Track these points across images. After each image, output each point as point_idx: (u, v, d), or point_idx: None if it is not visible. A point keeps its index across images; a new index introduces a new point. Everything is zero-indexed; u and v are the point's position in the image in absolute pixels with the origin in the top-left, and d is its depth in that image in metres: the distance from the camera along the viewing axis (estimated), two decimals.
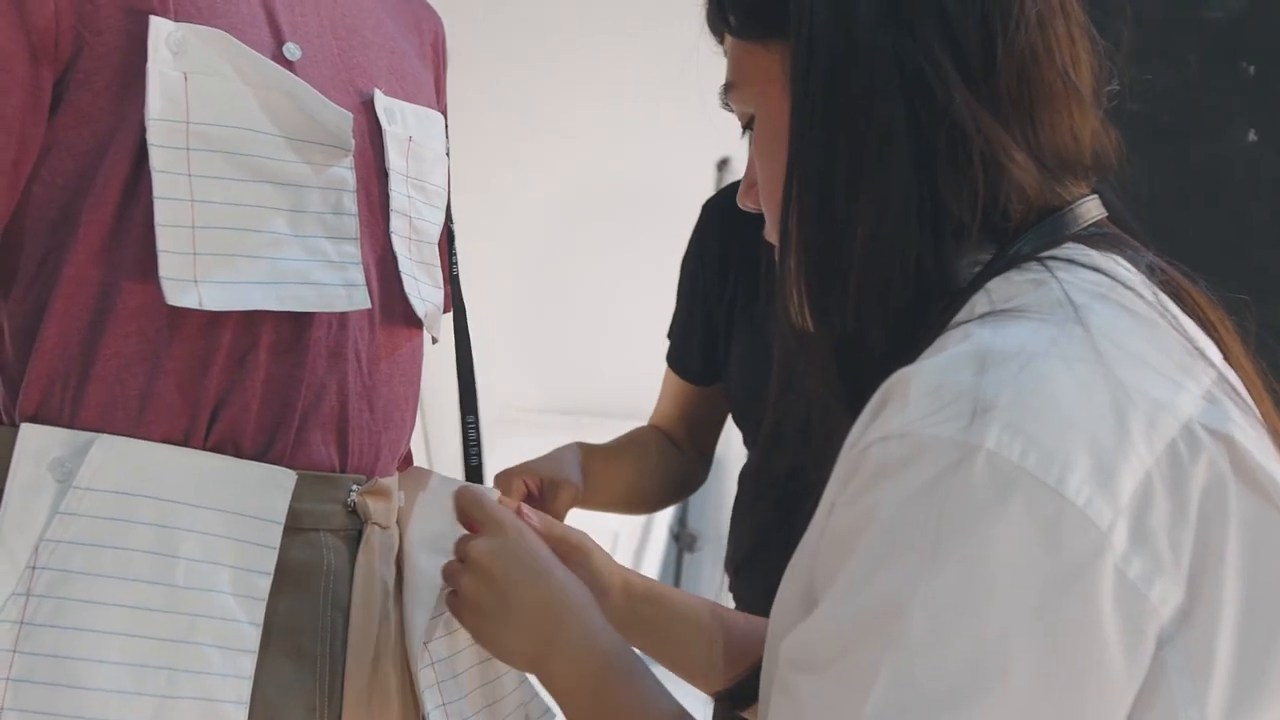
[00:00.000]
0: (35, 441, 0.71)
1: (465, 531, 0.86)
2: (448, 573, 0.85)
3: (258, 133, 0.74)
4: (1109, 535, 0.53)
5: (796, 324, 0.69)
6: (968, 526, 0.53)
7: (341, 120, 0.78)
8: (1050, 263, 0.64)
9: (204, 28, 0.73)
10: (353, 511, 0.80)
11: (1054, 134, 0.66)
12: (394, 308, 0.83)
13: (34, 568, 0.69)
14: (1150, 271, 0.66)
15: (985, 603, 0.53)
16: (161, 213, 0.71)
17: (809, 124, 0.67)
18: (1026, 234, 0.66)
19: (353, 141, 0.79)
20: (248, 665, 0.73)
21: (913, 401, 0.57)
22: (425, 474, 0.94)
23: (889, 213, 0.65)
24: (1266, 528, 0.57)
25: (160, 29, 0.71)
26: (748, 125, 0.76)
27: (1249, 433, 0.59)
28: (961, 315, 0.63)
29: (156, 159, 0.71)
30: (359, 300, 0.78)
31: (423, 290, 0.85)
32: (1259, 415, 0.63)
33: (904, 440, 0.56)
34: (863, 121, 0.65)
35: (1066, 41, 0.67)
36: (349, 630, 0.79)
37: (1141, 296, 0.63)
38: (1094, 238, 0.67)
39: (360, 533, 0.81)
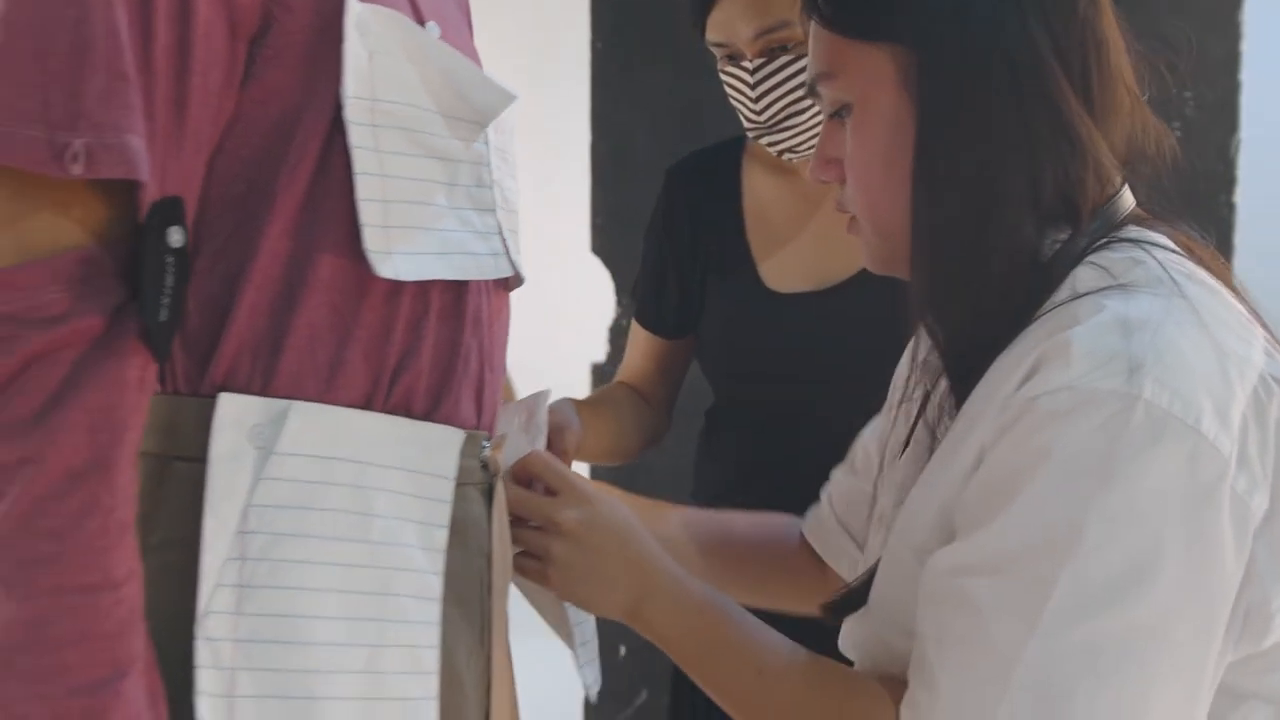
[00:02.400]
0: (234, 410, 0.73)
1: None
2: (532, 541, 0.91)
3: (422, 109, 0.78)
4: (1229, 461, 0.70)
5: (919, 293, 0.82)
6: (1131, 457, 0.69)
7: (499, 98, 0.82)
8: (1144, 244, 0.79)
9: (380, 8, 0.76)
10: (484, 466, 0.85)
11: (1119, 133, 0.82)
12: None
13: (244, 533, 0.72)
14: (1187, 250, 0.82)
15: (1145, 515, 0.68)
16: (361, 187, 0.75)
17: (936, 124, 0.80)
18: (1096, 217, 0.81)
19: (498, 118, 0.83)
20: (436, 612, 0.78)
21: (1075, 361, 0.71)
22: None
23: (1007, 200, 0.79)
24: None
25: (353, 10, 0.74)
26: (837, 113, 0.86)
27: None
28: (1076, 287, 0.77)
29: (354, 135, 0.74)
30: (503, 268, 0.84)
31: (518, 257, 0.90)
32: None
33: (1073, 392, 0.70)
34: (986, 122, 0.79)
35: (1126, 56, 0.83)
36: (491, 576, 0.85)
37: (1207, 268, 0.80)
38: (1141, 219, 0.83)
39: (491, 485, 0.86)
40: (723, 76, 1.35)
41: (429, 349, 0.81)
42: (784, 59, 1.29)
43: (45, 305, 0.65)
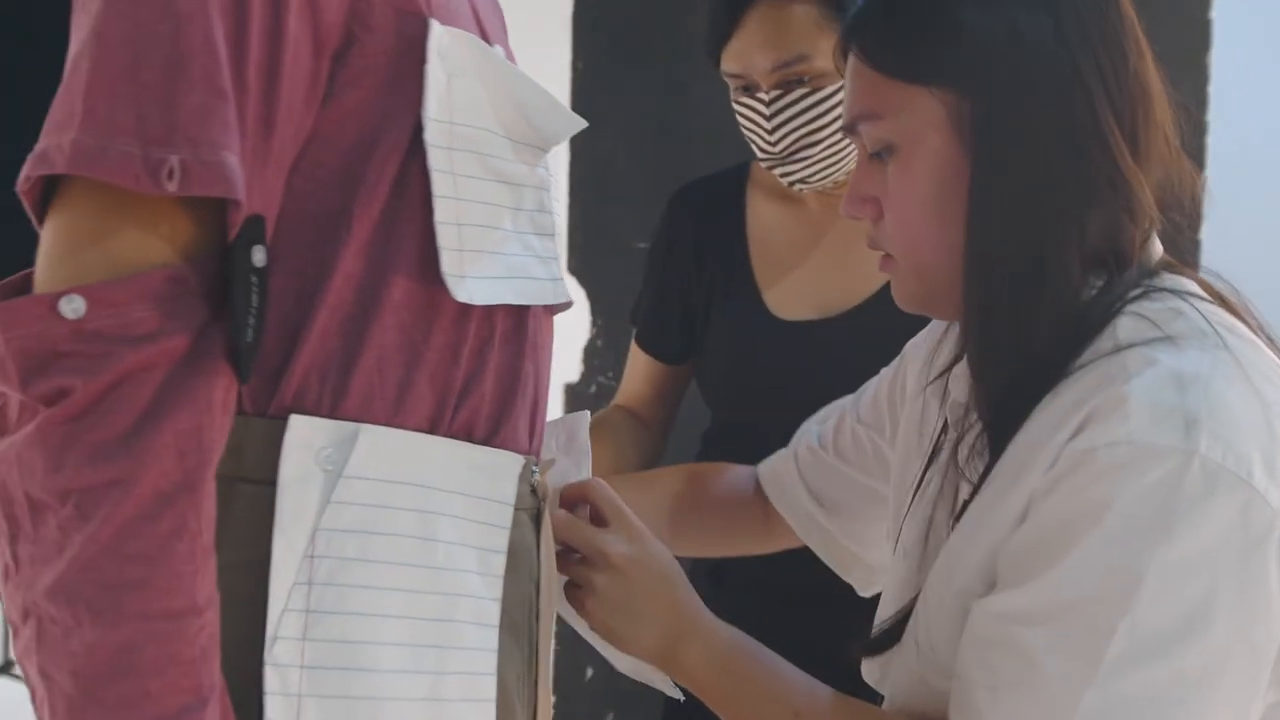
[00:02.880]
0: (304, 432, 0.72)
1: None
2: (577, 571, 0.91)
3: (493, 133, 0.78)
4: (1278, 512, 0.72)
5: (969, 335, 0.84)
6: (1188, 511, 0.71)
7: (566, 124, 0.83)
8: (1184, 295, 0.82)
9: (458, 30, 0.76)
10: (533, 490, 0.85)
11: (1154, 180, 0.84)
12: None
13: (311, 557, 0.71)
14: (1219, 300, 0.84)
15: (1200, 567, 0.71)
16: (439, 210, 0.75)
17: (993, 172, 0.81)
18: (1132, 263, 0.83)
19: (560, 143, 0.83)
20: (493, 639, 0.78)
21: (1133, 415, 0.73)
22: None
23: (1061, 247, 0.81)
24: None
25: (435, 32, 0.74)
26: (878, 153, 0.86)
27: None
28: (1119, 336, 0.79)
29: (433, 158, 0.74)
30: (562, 294, 0.84)
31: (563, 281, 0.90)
32: None
33: (1131, 446, 0.72)
34: (1043, 170, 0.80)
35: (1168, 107, 0.85)
36: (539, 602, 0.84)
37: (1239, 317, 0.82)
38: (1171, 266, 0.86)
39: (539, 510, 0.86)
40: (736, 107, 1.37)
41: (492, 374, 0.80)
42: (800, 91, 1.31)
43: (135, 323, 0.64)
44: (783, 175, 1.37)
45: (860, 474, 1.13)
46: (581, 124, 0.84)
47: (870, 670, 0.96)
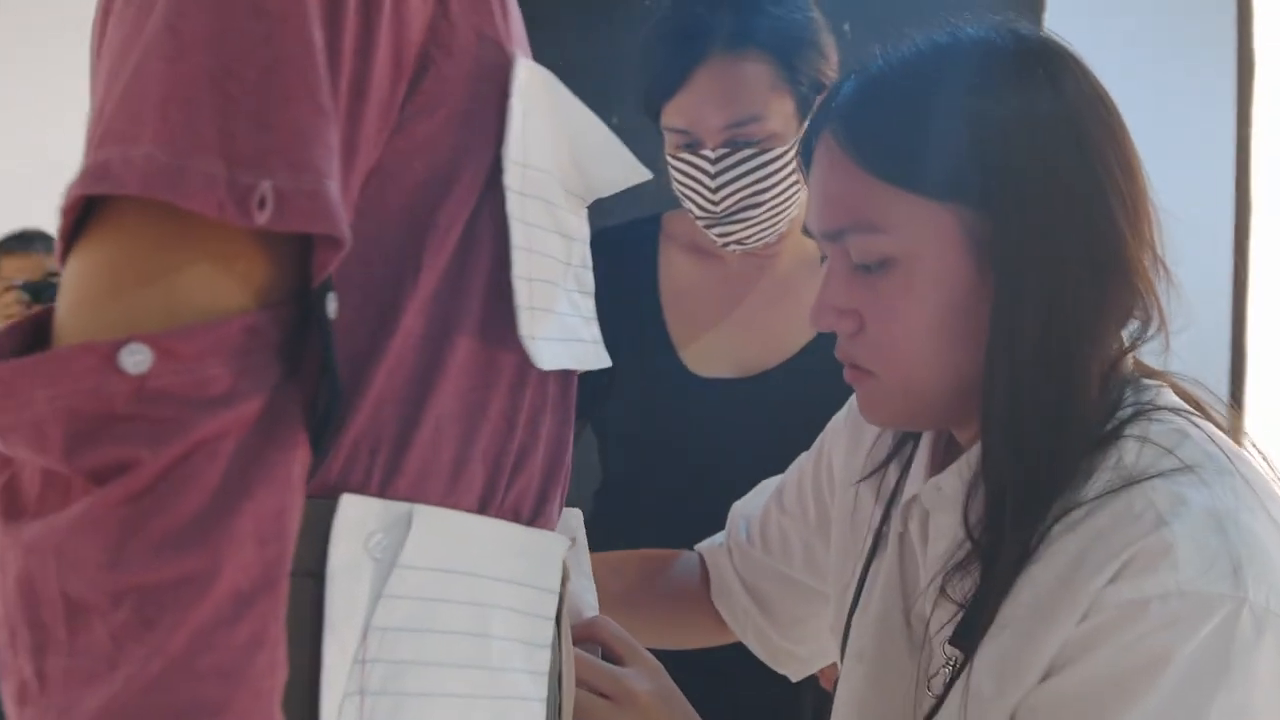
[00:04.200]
0: (355, 515, 0.61)
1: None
2: (600, 713, 0.85)
3: (553, 179, 0.70)
4: None
5: (990, 454, 0.80)
6: (1243, 657, 0.71)
7: (626, 173, 0.75)
8: (1180, 413, 0.80)
9: (535, 64, 0.67)
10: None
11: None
12: None
13: (364, 661, 0.60)
14: (1195, 405, 0.83)
15: (1255, 710, 0.71)
16: (518, 263, 0.66)
17: (1018, 294, 0.77)
18: (1125, 379, 0.82)
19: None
20: None
21: (1181, 565, 0.72)
22: None
23: (1088, 366, 0.79)
24: None
25: (521, 65, 0.65)
26: (875, 266, 0.80)
27: None
28: (1125, 461, 0.77)
29: (511, 205, 0.65)
30: (605, 358, 0.76)
31: None
32: None
33: (1184, 599, 0.71)
34: (1072, 291, 0.78)
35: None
36: (561, 697, 0.76)
37: (1214, 423, 0.82)
38: (1146, 370, 0.85)
39: (562, 589, 0.77)
40: (673, 162, 1.31)
41: (544, 446, 0.71)
42: (748, 151, 1.27)
43: (208, 382, 0.52)
44: (720, 235, 1.32)
45: (789, 568, 1.10)
46: (646, 175, 0.76)
47: None
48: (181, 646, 0.50)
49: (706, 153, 1.27)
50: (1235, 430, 0.85)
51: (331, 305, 0.58)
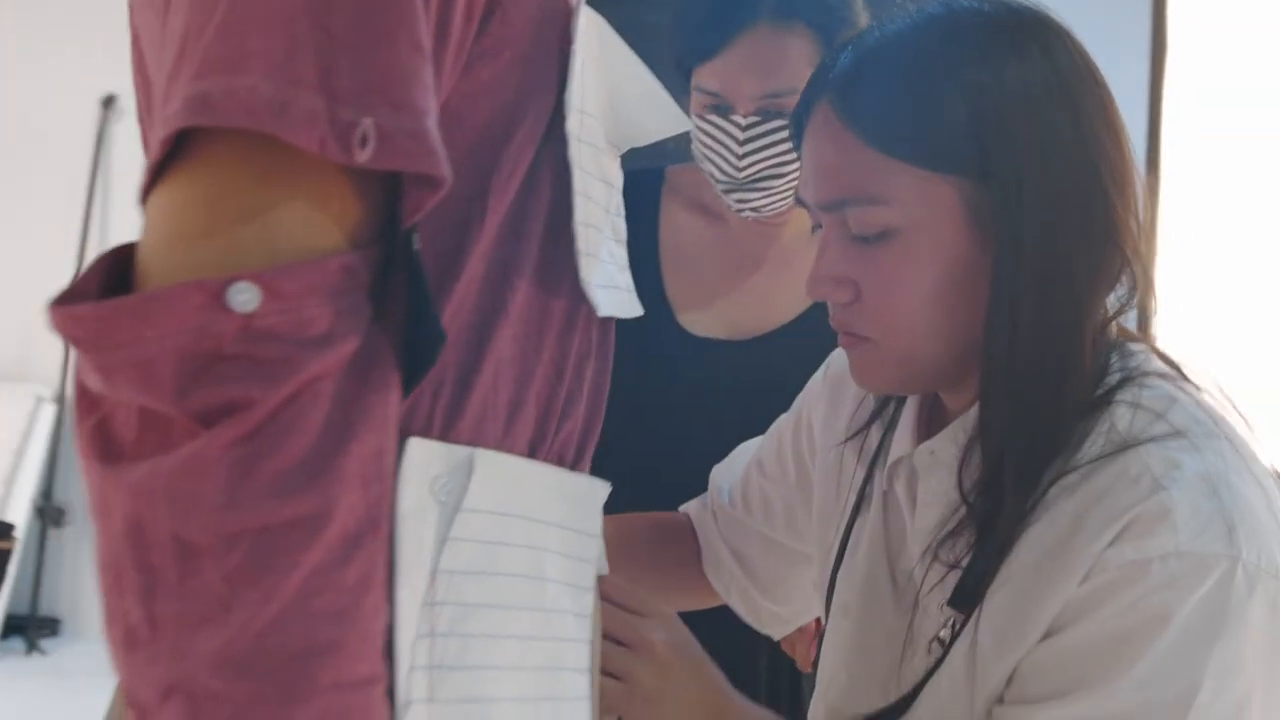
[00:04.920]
0: (421, 458, 0.60)
1: None
2: (618, 661, 0.85)
3: (600, 124, 0.70)
4: None
5: (989, 422, 0.82)
6: (1236, 613, 0.75)
7: (670, 122, 0.75)
8: (1169, 379, 0.84)
9: (591, 9, 0.68)
10: None
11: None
12: None
13: (432, 604, 0.61)
14: (1174, 366, 0.87)
15: (1245, 663, 0.75)
16: (579, 209, 0.66)
17: (1020, 265, 0.80)
18: (1111, 344, 0.85)
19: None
20: (588, 687, 0.70)
21: (1180, 526, 0.75)
22: None
23: (1084, 334, 0.82)
24: None
25: (583, 10, 0.66)
26: (873, 237, 0.82)
27: None
28: (1118, 427, 0.80)
29: (573, 151, 0.66)
30: (637, 306, 0.76)
31: None
32: None
33: (1183, 559, 0.75)
34: (1068, 261, 0.80)
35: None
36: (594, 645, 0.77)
37: (1190, 382, 0.86)
38: (1128, 334, 0.88)
39: None
40: (699, 124, 1.30)
41: (587, 391, 0.72)
42: (779, 122, 1.26)
43: (309, 322, 0.52)
44: (738, 200, 1.32)
45: (771, 530, 1.12)
46: (686, 125, 0.77)
47: None
48: (296, 588, 0.49)
49: (737, 119, 1.26)
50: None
51: (416, 242, 0.58)
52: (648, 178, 1.46)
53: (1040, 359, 0.81)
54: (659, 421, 1.39)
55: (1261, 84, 2.87)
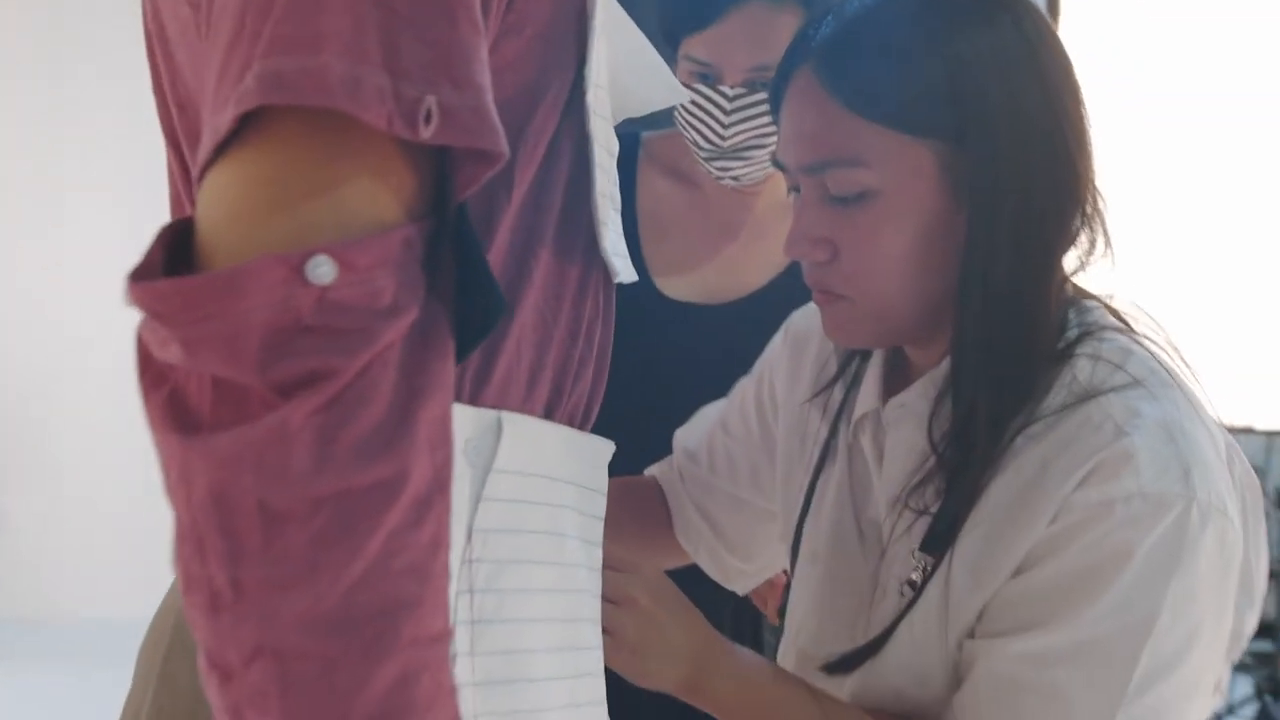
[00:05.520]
0: (455, 422, 0.61)
1: None
2: (604, 615, 0.86)
3: (607, 96, 0.73)
4: (1239, 532, 0.84)
5: (963, 372, 0.87)
6: (1191, 548, 0.81)
7: (666, 94, 0.78)
8: (1131, 335, 0.90)
9: None
10: None
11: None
12: None
13: (470, 561, 0.64)
14: (1124, 319, 0.94)
15: (1198, 593, 0.82)
16: (599, 181, 0.69)
17: (991, 225, 0.85)
18: (1068, 300, 0.91)
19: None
20: (599, 636, 0.74)
21: (1141, 469, 0.81)
22: None
23: (1050, 289, 0.87)
24: (1257, 495, 0.91)
25: None
26: (851, 198, 0.86)
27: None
28: (1080, 379, 0.86)
29: (592, 125, 0.69)
30: (634, 272, 0.79)
31: None
32: None
33: (1145, 499, 0.81)
34: (1037, 220, 0.86)
35: None
36: None
37: (1160, 346, 0.92)
38: (1081, 292, 0.94)
39: None
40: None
41: (595, 356, 0.76)
42: (763, 94, 1.29)
43: (378, 293, 0.54)
44: (720, 169, 1.36)
45: (736, 489, 1.16)
46: (685, 96, 0.80)
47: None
48: (377, 550, 0.52)
49: (724, 89, 1.29)
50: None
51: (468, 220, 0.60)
52: (624, 143, 1.48)
53: (1010, 314, 0.86)
54: (637, 383, 1.41)
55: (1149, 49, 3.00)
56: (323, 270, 0.51)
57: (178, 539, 0.52)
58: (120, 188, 4.22)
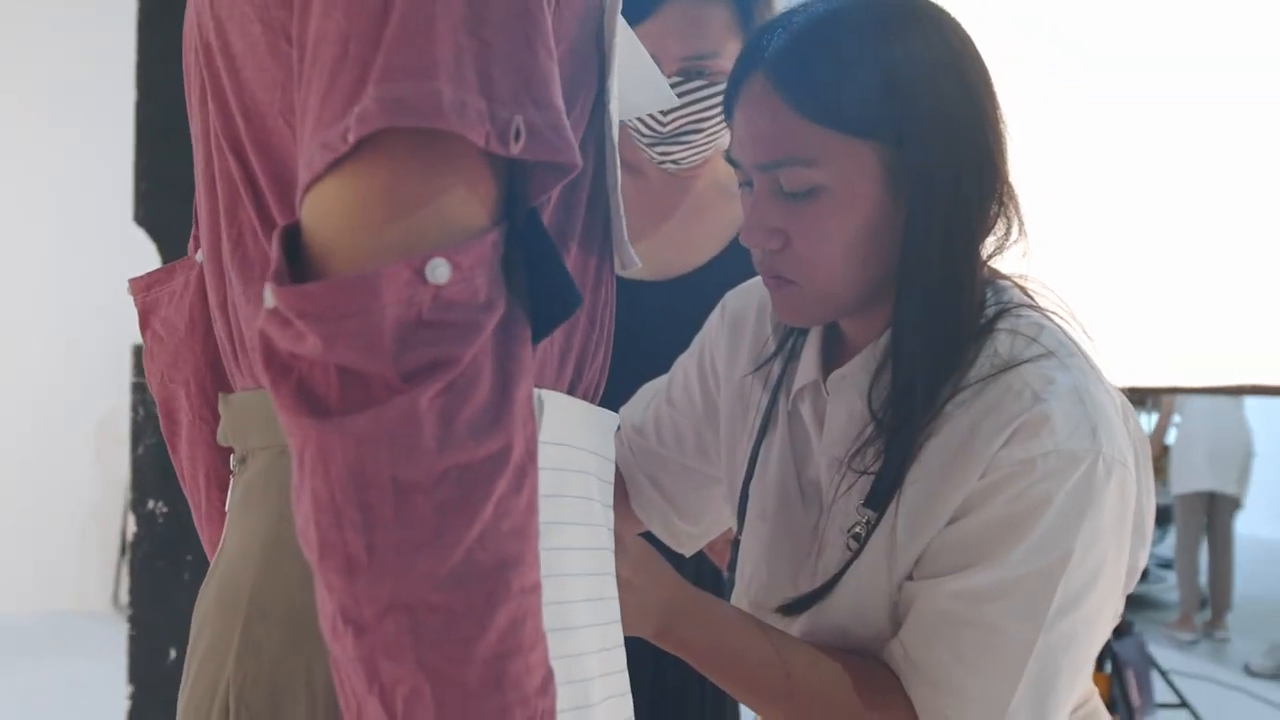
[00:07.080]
0: None
1: None
2: None
3: (616, 101, 0.80)
4: (1135, 482, 0.98)
5: (903, 347, 0.99)
6: (1099, 495, 0.93)
7: (657, 99, 0.86)
8: (1041, 311, 1.03)
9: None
10: None
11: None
12: None
13: None
14: (1031, 295, 1.07)
15: (1103, 533, 0.94)
16: (612, 179, 0.78)
17: (927, 218, 0.96)
18: (986, 281, 1.03)
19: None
20: (615, 587, 0.83)
21: (1058, 429, 0.93)
22: None
23: (974, 273, 1.00)
24: (1145, 447, 1.05)
25: (618, 3, 0.75)
26: (802, 193, 0.96)
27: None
28: (1000, 352, 0.98)
29: (614, 130, 0.76)
30: (635, 261, 0.87)
31: None
32: None
33: (1060, 455, 0.93)
34: (965, 212, 0.98)
35: None
36: None
37: (1063, 319, 1.05)
38: (996, 273, 1.06)
39: None
40: None
41: (605, 337, 0.84)
42: (699, 82, 1.39)
43: (478, 290, 0.61)
44: (661, 153, 1.45)
45: (683, 458, 1.26)
46: (675, 100, 0.88)
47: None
48: (490, 514, 0.59)
49: None
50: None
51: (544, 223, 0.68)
52: None
53: (945, 295, 0.98)
54: None
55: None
56: (439, 271, 0.59)
57: (315, 510, 0.59)
58: None
